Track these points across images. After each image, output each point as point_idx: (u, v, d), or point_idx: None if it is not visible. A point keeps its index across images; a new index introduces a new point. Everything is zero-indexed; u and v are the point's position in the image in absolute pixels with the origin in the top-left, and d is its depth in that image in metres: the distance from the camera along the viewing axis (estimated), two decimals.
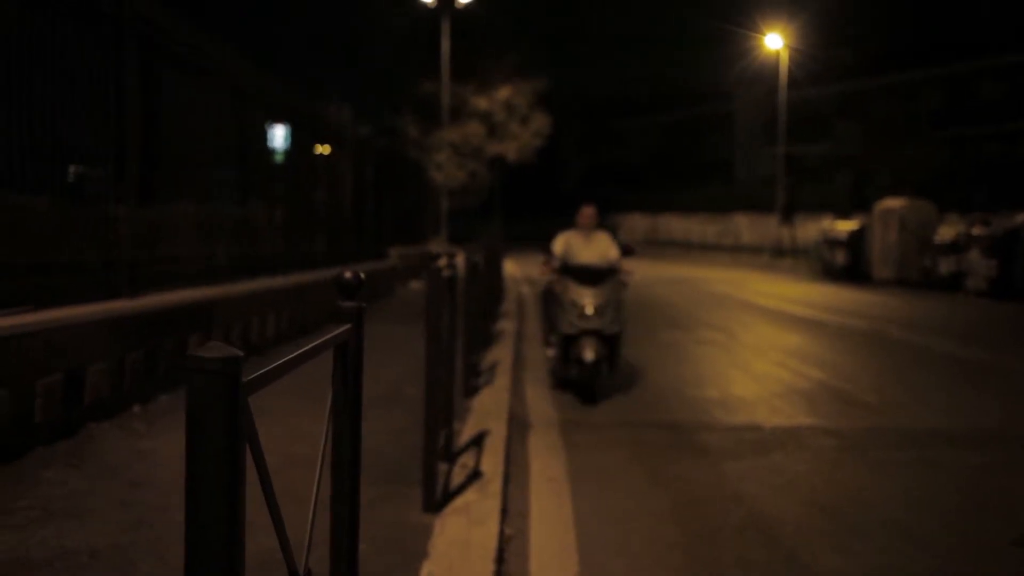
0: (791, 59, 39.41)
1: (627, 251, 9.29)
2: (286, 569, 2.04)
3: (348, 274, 2.39)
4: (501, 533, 4.52)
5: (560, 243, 9.22)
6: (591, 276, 8.74)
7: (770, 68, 42.04)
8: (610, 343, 8.58)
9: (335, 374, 2.33)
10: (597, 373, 8.48)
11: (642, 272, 28.52)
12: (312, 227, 12.93)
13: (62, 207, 6.08)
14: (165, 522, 4.18)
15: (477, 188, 41.76)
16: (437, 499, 4.70)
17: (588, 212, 9.30)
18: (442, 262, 5.18)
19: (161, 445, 5.62)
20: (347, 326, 2.22)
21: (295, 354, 1.85)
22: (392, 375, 8.59)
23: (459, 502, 4.84)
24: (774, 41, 38.71)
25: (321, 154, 13.53)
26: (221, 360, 1.27)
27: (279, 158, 11.53)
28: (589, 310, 8.48)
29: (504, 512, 4.90)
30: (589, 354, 8.36)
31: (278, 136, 11.39)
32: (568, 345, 8.61)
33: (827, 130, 47.72)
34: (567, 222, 9.62)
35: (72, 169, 6.19)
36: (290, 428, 6.21)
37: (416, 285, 21.04)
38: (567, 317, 8.55)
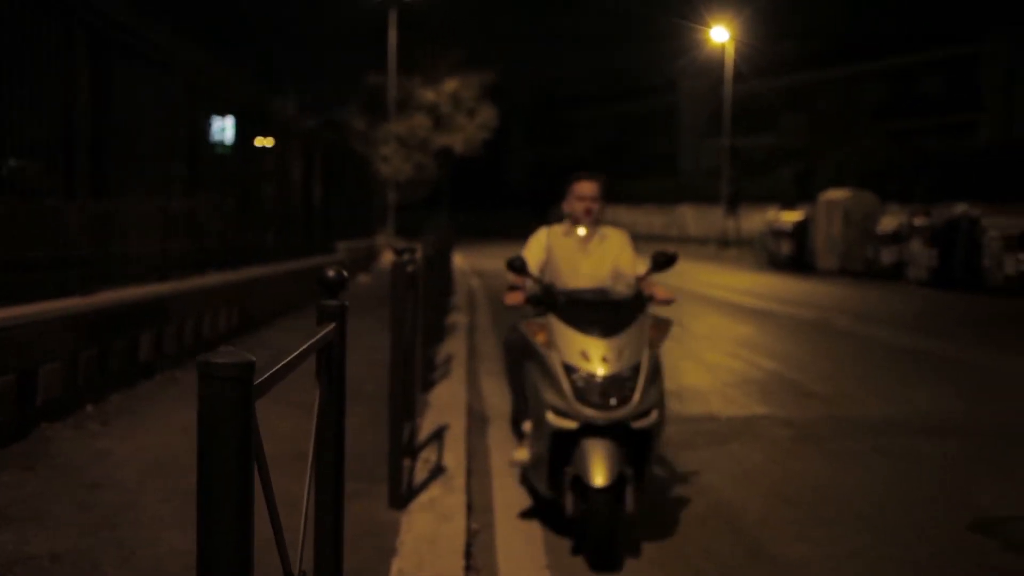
0: (737, 52, 39.79)
1: (662, 263, 4.88)
2: (276, 570, 2.01)
3: (331, 272, 2.36)
4: (468, 528, 4.52)
5: (536, 248, 5.27)
6: (601, 314, 4.67)
7: (716, 61, 42.41)
8: (641, 444, 4.55)
9: (320, 373, 2.30)
10: (617, 514, 4.31)
11: None
12: (261, 221, 12.78)
13: (9, 203, 5.94)
14: (129, 523, 4.10)
15: (424, 181, 41.59)
16: (403, 495, 4.67)
17: (588, 189, 5.20)
18: (405, 256, 5.15)
19: (117, 445, 5.51)
20: (332, 325, 2.19)
21: (293, 355, 1.83)
22: (350, 370, 8.49)
23: (424, 498, 4.82)
24: (720, 34, 39.04)
25: (269, 147, 13.38)
26: (236, 366, 1.25)
27: (227, 151, 11.37)
28: (600, 374, 4.46)
29: (469, 507, 4.89)
30: (600, 475, 4.27)
31: (226, 128, 11.24)
32: (560, 448, 4.54)
33: (772, 122, 48.27)
34: (514, 214, 8.58)
35: (11, 163, 6.04)
36: None
37: (364, 279, 20.92)
38: (557, 395, 4.49)
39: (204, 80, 9.77)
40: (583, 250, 5.24)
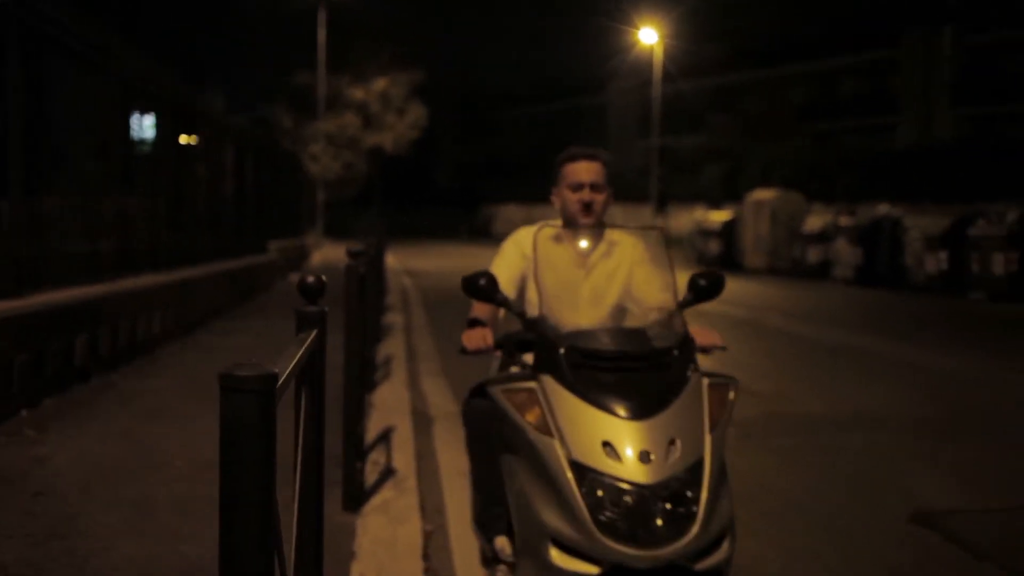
0: (666, 53, 40.22)
1: (706, 289, 3.32)
2: None
3: (310, 278, 2.34)
4: (423, 530, 4.50)
5: (512, 260, 3.73)
6: (631, 376, 2.89)
7: (645, 62, 42.81)
8: None
9: (302, 380, 2.27)
10: None
11: None
12: (194, 220, 12.57)
13: None
14: (78, 532, 4.01)
15: (353, 179, 41.32)
16: (356, 498, 4.64)
17: (586, 171, 3.60)
18: (359, 259, 5.12)
19: (57, 451, 5.38)
20: (313, 331, 2.17)
21: (291, 365, 1.80)
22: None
23: (377, 500, 4.79)
24: (649, 36, 39.42)
25: (200, 145, 13.17)
26: (259, 379, 1.23)
27: (159, 149, 11.16)
28: (639, 482, 2.69)
29: (422, 509, 4.87)
30: None
31: (157, 126, 11.02)
32: None
33: (700, 123, 48.86)
34: (442, 213, 7.76)
35: None
36: (194, 430, 6.04)
37: (295, 278, 20.72)
38: (563, 517, 2.73)
39: (137, 78, 9.58)
40: (582, 265, 3.52)
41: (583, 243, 3.61)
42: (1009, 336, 13.99)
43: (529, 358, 3.09)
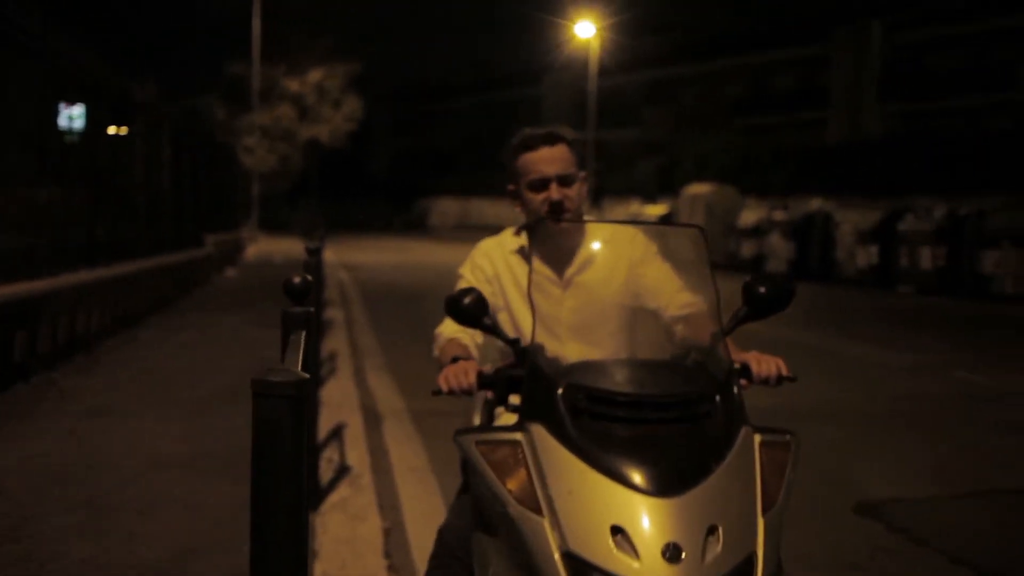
0: (602, 47, 40.45)
1: (768, 300, 2.46)
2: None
3: (296, 278, 2.35)
4: (382, 527, 4.51)
5: (476, 282, 2.91)
6: (655, 432, 2.05)
7: (581, 55, 43.02)
8: None
9: None
10: None
11: (457, 256, 28.60)
12: (131, 214, 12.36)
13: None
14: (32, 536, 3.95)
15: (288, 172, 40.93)
16: (313, 496, 4.63)
17: (548, 158, 2.82)
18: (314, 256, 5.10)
19: (2, 452, 5.28)
20: (302, 332, 2.18)
21: (300, 365, 1.81)
22: (233, 368, 8.35)
23: (335, 498, 4.78)
24: (585, 29, 39.61)
25: (136, 136, 12.93)
26: (292, 384, 1.26)
27: (92, 140, 10.94)
28: None
29: (379, 506, 4.88)
30: None
31: (88, 116, 10.78)
32: None
33: (635, 116, 49.28)
34: (378, 205, 7.52)
35: None
36: (141, 428, 5.97)
37: (231, 272, 20.50)
38: None
39: (67, 64, 9.38)
40: (557, 283, 2.78)
41: (557, 252, 2.81)
42: (938, 329, 14.37)
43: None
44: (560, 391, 2.09)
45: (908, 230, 19.53)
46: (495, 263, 2.91)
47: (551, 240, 2.80)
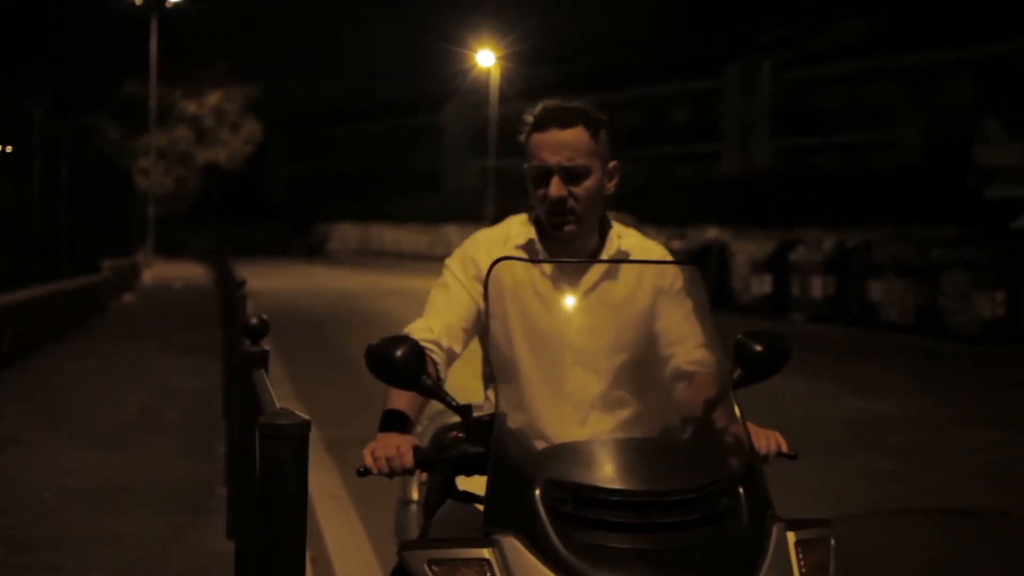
0: (502, 75, 40.97)
1: (762, 363, 2.26)
2: None
3: (254, 319, 2.48)
4: (309, 556, 4.60)
5: (458, 297, 2.34)
6: (657, 552, 1.64)
7: (481, 82, 43.48)
8: None
9: (241, 416, 2.40)
10: None
11: (360, 283, 28.75)
12: (23, 237, 12.07)
13: None
14: None
15: (185, 195, 40.28)
16: (239, 525, 4.69)
17: (560, 143, 2.29)
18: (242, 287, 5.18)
19: None
20: (259, 370, 2.31)
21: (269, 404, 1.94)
22: (143, 397, 8.30)
23: None
24: (485, 58, 40.08)
25: (30, 157, 12.61)
26: (297, 426, 1.40)
27: None
28: None
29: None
30: None
31: None
32: None
33: None
34: (275, 229, 7.36)
35: None
36: (54, 459, 5.94)
37: (129, 298, 20.11)
38: None
39: None
40: (574, 295, 2.26)
41: (569, 253, 2.31)
42: (828, 356, 14.96)
43: (479, 486, 1.82)
44: (538, 491, 1.63)
45: (799, 260, 20.30)
46: (492, 258, 2.19)
47: (557, 240, 2.30)
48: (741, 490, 1.74)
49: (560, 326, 2.18)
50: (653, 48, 51.01)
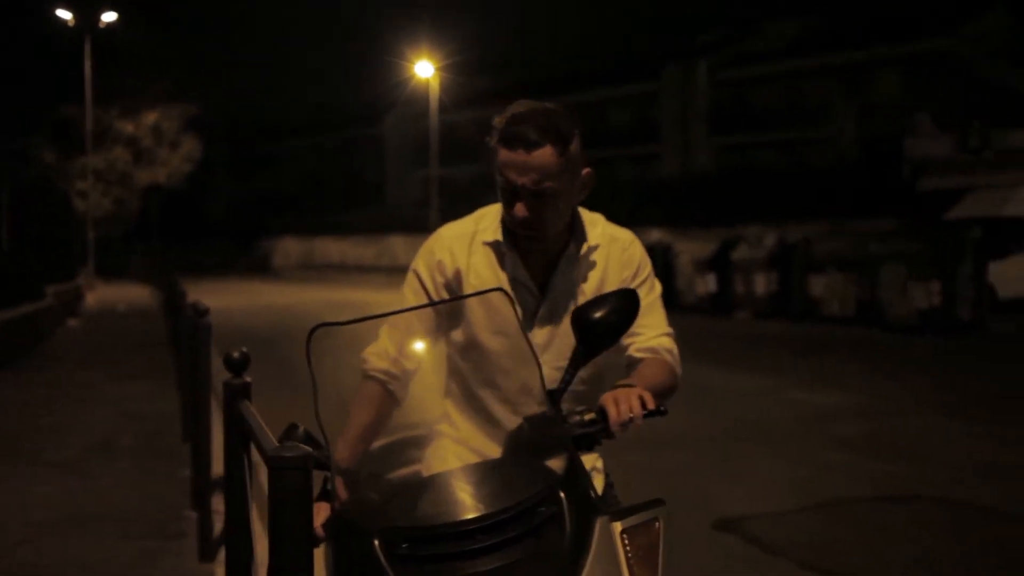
0: (441, 85, 41.06)
1: (604, 324, 2.05)
2: None
3: (236, 353, 2.58)
4: None
5: (430, 275, 2.31)
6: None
7: (420, 93, 43.52)
8: None
9: (228, 447, 2.50)
10: None
11: (306, 297, 28.66)
12: None
13: None
14: None
15: (124, 216, 39.79)
16: (210, 548, 4.76)
17: (522, 164, 2.17)
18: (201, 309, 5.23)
19: None
20: (244, 401, 2.42)
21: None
22: (99, 424, 8.28)
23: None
24: (425, 69, 40.14)
25: None
26: (301, 458, 1.51)
27: None
28: None
29: None
30: None
31: None
32: None
33: (475, 153, 50.05)
34: (216, 247, 7.18)
35: None
36: (16, 489, 5.94)
37: (74, 323, 19.88)
38: None
39: None
40: (533, 292, 2.30)
41: (529, 276, 2.28)
42: (774, 352, 15.28)
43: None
44: (376, 542, 1.68)
45: (742, 258, 20.68)
46: (457, 258, 2.25)
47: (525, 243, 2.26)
48: (562, 494, 1.78)
49: (525, 323, 2.19)
50: (591, 54, 51.42)
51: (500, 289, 2.05)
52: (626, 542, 1.81)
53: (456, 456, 2.00)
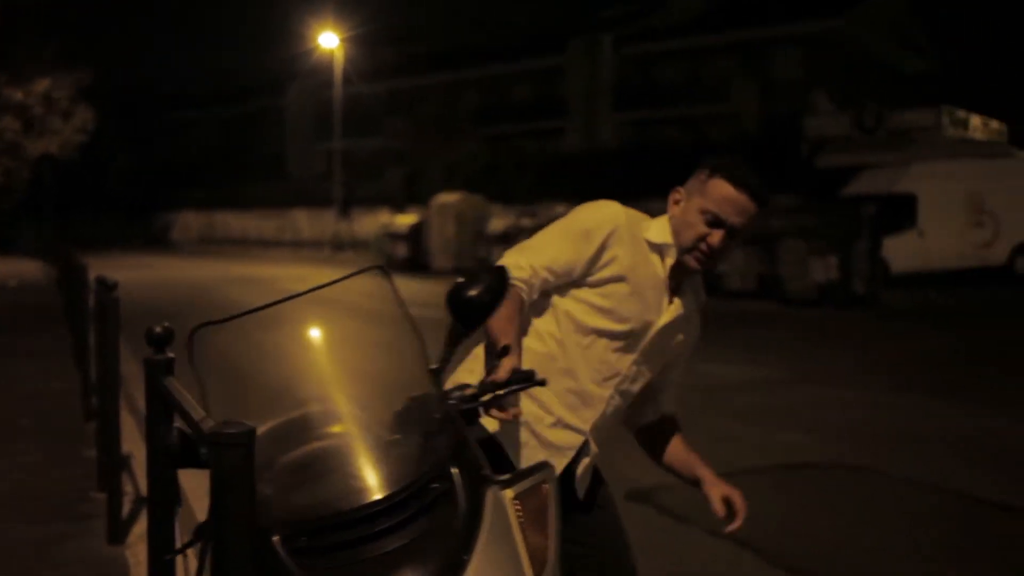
0: (345, 57, 40.51)
1: (474, 299, 2.12)
2: None
3: (158, 328, 2.51)
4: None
5: (571, 248, 2.44)
6: (398, 558, 1.71)
7: (324, 64, 42.89)
8: None
9: (150, 426, 2.44)
10: None
11: (208, 272, 28.11)
12: None
13: None
14: None
15: (13, 188, 38.32)
16: (118, 529, 4.66)
17: (740, 205, 2.43)
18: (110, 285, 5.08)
19: None
20: (169, 378, 2.36)
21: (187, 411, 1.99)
22: None
23: (138, 528, 4.82)
24: (328, 40, 39.55)
25: None
26: (244, 434, 1.48)
27: None
28: None
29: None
30: None
31: None
32: None
33: (378, 126, 49.59)
34: (117, 221, 6.69)
35: None
36: None
37: None
38: None
39: None
40: (660, 296, 2.55)
41: (667, 275, 2.54)
42: None
43: None
44: (276, 539, 1.69)
45: None
46: (623, 239, 2.48)
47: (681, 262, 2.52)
48: (454, 469, 1.82)
49: (647, 316, 2.52)
50: (496, 27, 51.29)
51: (379, 267, 2.11)
52: (518, 507, 1.84)
53: (347, 437, 1.91)
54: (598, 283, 2.44)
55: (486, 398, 2.05)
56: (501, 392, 2.04)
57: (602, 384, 2.52)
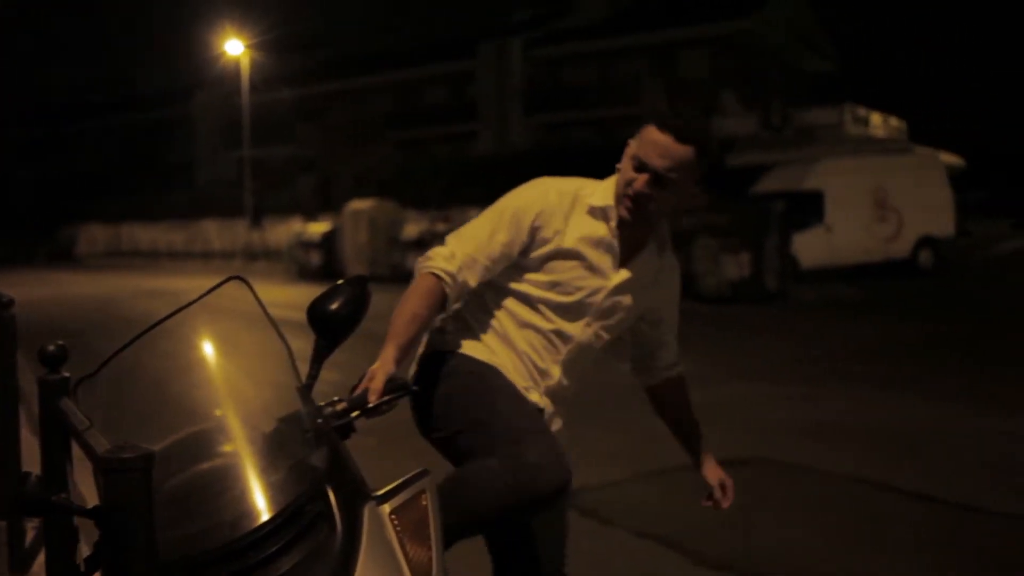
0: (252, 64, 39.88)
1: (345, 317, 2.15)
2: None
3: (52, 346, 2.36)
4: None
5: (508, 230, 2.49)
6: None
7: (231, 72, 42.16)
8: None
9: (45, 450, 2.30)
10: None
11: (115, 286, 27.36)
12: None
13: None
14: None
15: None
16: (24, 557, 4.45)
17: (667, 148, 2.41)
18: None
19: None
20: (64, 399, 2.22)
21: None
22: None
23: (43, 556, 4.60)
24: (235, 47, 38.92)
25: None
26: (141, 458, 1.37)
27: None
28: None
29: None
30: None
31: None
32: None
33: (289, 133, 48.96)
34: (19, 236, 6.45)
35: None
36: None
37: None
38: None
39: None
40: (612, 267, 2.54)
41: (612, 227, 2.52)
42: None
43: None
44: None
45: None
46: (555, 214, 2.51)
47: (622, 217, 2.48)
48: (329, 488, 1.75)
49: (598, 289, 2.56)
50: (405, 31, 51.11)
51: (238, 277, 2.03)
52: (395, 522, 1.79)
53: (227, 459, 1.83)
54: (542, 259, 2.45)
55: (355, 415, 2.03)
56: (370, 406, 2.03)
57: (552, 351, 2.57)
